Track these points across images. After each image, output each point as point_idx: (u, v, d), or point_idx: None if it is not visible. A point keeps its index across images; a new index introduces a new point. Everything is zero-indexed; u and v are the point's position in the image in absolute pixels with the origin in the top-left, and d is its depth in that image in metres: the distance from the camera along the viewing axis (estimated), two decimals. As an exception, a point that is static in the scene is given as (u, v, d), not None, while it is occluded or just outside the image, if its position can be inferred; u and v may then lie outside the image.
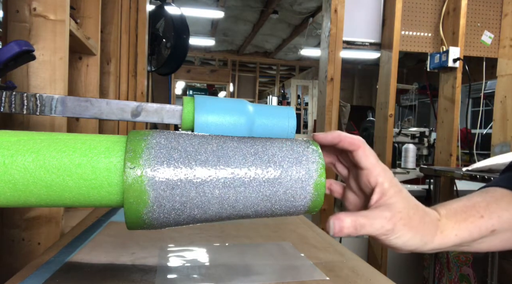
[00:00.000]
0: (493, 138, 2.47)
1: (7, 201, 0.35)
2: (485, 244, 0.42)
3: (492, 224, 0.41)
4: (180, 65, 2.57)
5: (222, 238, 0.69)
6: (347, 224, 0.36)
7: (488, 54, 2.47)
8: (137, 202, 0.34)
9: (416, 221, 0.38)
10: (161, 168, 0.35)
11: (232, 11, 5.74)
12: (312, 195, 0.38)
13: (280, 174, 0.37)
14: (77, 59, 1.13)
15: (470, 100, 2.30)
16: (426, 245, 0.39)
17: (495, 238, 0.42)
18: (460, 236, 0.40)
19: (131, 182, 0.34)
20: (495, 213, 0.41)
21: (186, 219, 0.37)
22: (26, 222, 0.77)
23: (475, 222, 0.41)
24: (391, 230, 0.37)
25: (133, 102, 0.47)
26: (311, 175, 0.38)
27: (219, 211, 0.37)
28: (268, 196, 0.37)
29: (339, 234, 0.37)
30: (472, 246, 0.42)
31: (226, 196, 0.36)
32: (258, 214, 0.38)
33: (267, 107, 0.49)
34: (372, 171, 0.39)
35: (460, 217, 0.41)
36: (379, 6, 2.40)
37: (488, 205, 0.42)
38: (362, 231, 0.37)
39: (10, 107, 0.46)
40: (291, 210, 0.39)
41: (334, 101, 2.32)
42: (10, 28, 0.75)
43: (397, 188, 0.38)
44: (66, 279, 0.49)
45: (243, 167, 0.37)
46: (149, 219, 0.35)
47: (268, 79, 10.16)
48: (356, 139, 0.39)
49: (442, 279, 2.13)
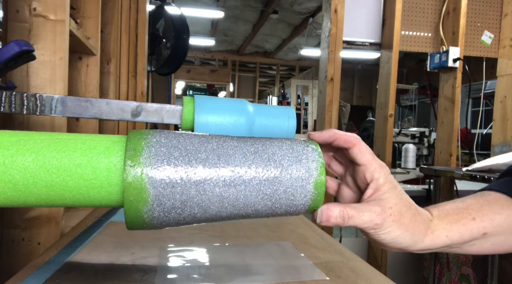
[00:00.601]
0: (493, 138, 2.47)
1: (7, 201, 0.35)
2: (476, 247, 0.42)
3: (484, 227, 0.41)
4: (180, 65, 2.57)
5: (222, 238, 0.69)
6: (335, 214, 0.37)
7: (488, 54, 2.47)
8: (137, 201, 0.34)
9: (407, 218, 0.38)
10: (162, 167, 0.35)
11: (232, 11, 5.75)
12: (312, 194, 0.38)
13: (280, 173, 0.37)
14: (77, 59, 1.13)
15: (470, 100, 2.30)
16: (416, 244, 0.39)
17: (486, 241, 0.42)
18: (451, 238, 0.40)
19: (131, 180, 0.34)
20: (487, 216, 0.41)
21: (187, 218, 0.37)
22: (26, 222, 0.77)
23: (467, 224, 0.41)
24: (380, 224, 0.37)
25: (133, 102, 0.47)
26: (311, 173, 0.38)
27: (220, 210, 0.37)
28: (268, 194, 0.37)
29: (326, 223, 0.37)
30: (462, 248, 0.42)
31: (227, 194, 0.36)
32: (258, 213, 0.38)
33: (267, 107, 0.49)
34: (368, 167, 0.39)
35: (451, 219, 0.41)
36: (379, 6, 2.40)
37: (481, 207, 0.42)
38: (350, 222, 0.37)
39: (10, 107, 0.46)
40: (291, 209, 0.39)
41: (334, 101, 2.32)
42: (10, 28, 0.75)
43: (392, 184, 0.39)
44: (66, 279, 0.49)
45: (243, 166, 0.37)
46: (149, 218, 0.35)
47: (268, 79, 10.16)
48: (351, 136, 0.40)
49: (442, 279, 2.13)
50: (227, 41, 7.50)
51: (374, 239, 0.39)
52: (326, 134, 0.41)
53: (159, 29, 2.46)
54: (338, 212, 0.37)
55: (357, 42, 2.40)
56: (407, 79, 7.27)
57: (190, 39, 2.60)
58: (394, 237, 0.38)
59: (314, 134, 0.41)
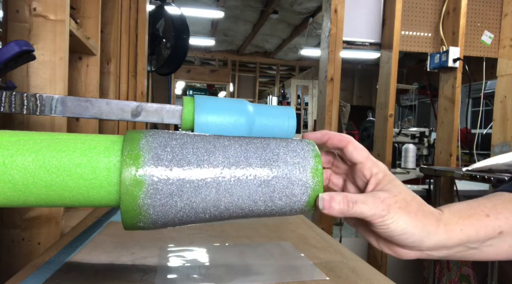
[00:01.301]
0: (493, 138, 2.47)
1: (7, 201, 0.35)
2: (494, 248, 0.39)
3: (499, 225, 0.38)
4: (180, 65, 2.57)
5: (222, 238, 0.69)
6: (338, 199, 0.36)
7: (488, 54, 2.47)
8: (133, 200, 0.34)
9: (413, 207, 0.37)
10: (158, 166, 0.35)
11: (232, 11, 5.74)
12: (311, 190, 0.38)
13: (278, 172, 0.38)
14: (77, 59, 1.13)
15: (470, 100, 2.30)
16: (430, 237, 0.36)
17: (503, 241, 0.39)
18: (466, 232, 0.37)
19: (126, 180, 0.34)
20: (502, 214, 0.39)
21: (183, 218, 0.37)
22: (26, 222, 0.77)
23: (481, 219, 0.38)
24: (386, 210, 0.36)
25: (133, 102, 0.47)
26: (309, 171, 0.38)
27: (217, 209, 0.37)
28: (267, 193, 0.37)
29: (329, 210, 0.36)
30: (481, 249, 0.39)
31: (223, 194, 0.36)
32: (258, 212, 0.38)
33: (267, 107, 0.49)
34: (365, 163, 0.39)
35: (464, 214, 0.38)
36: (379, 6, 2.40)
37: (495, 206, 0.40)
38: (355, 208, 0.36)
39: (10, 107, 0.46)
40: (291, 208, 0.39)
41: (334, 101, 2.32)
42: (10, 28, 0.75)
43: (391, 177, 0.38)
44: (66, 279, 0.49)
45: (242, 165, 0.37)
46: (145, 218, 0.35)
47: (268, 79, 10.16)
48: (344, 135, 0.40)
49: (442, 279, 2.13)
50: (227, 41, 7.50)
51: (382, 231, 0.37)
52: (319, 134, 0.41)
53: (159, 29, 2.46)
54: (341, 198, 0.36)
55: (357, 42, 2.40)
56: (407, 79, 7.27)
57: (190, 39, 2.60)
58: (404, 227, 0.36)
59: (308, 135, 0.42)
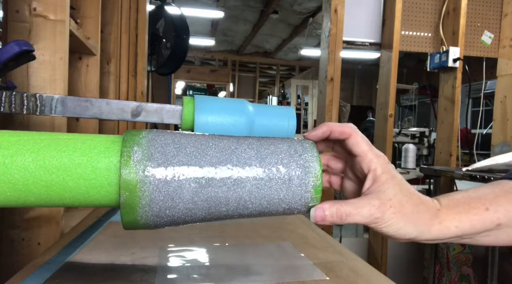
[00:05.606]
0: (493, 138, 2.47)
1: (7, 201, 0.35)
2: (491, 238, 0.40)
3: (498, 217, 0.38)
4: (180, 65, 2.57)
5: (222, 238, 0.69)
6: (330, 213, 0.36)
7: (488, 54, 2.47)
8: (132, 200, 0.34)
9: (408, 209, 0.37)
10: (157, 166, 0.35)
11: (232, 11, 5.74)
12: (310, 192, 0.38)
13: (278, 171, 0.37)
14: (77, 59, 1.13)
15: (470, 100, 2.30)
16: (423, 235, 0.38)
17: (502, 232, 0.39)
18: (461, 228, 0.38)
19: (125, 180, 0.34)
20: (502, 207, 0.39)
21: (181, 217, 0.36)
22: (26, 222, 0.77)
23: (479, 214, 0.38)
24: (380, 218, 0.36)
25: (133, 102, 0.47)
26: (309, 170, 0.38)
27: (215, 209, 0.37)
28: (267, 193, 0.37)
29: (322, 222, 0.37)
30: (475, 238, 0.40)
31: (223, 194, 0.36)
32: (258, 212, 0.38)
33: (267, 107, 0.49)
34: (364, 157, 0.39)
35: (462, 209, 0.39)
36: (379, 6, 2.40)
37: (496, 197, 0.40)
38: (349, 220, 0.36)
39: (10, 107, 0.46)
40: (291, 208, 0.39)
41: (334, 101, 2.32)
42: (10, 28, 0.75)
43: (390, 174, 0.38)
44: (66, 279, 0.49)
45: (241, 165, 0.37)
46: (143, 218, 0.35)
47: (268, 79, 10.16)
48: (346, 126, 0.39)
49: (442, 279, 2.13)
50: (227, 41, 7.49)
51: (378, 232, 0.38)
52: (320, 130, 0.40)
53: (159, 29, 2.46)
54: (334, 211, 0.36)
55: (357, 42, 2.40)
56: (407, 79, 7.27)
57: (190, 39, 2.60)
58: (397, 229, 0.37)
59: (309, 134, 0.41)
